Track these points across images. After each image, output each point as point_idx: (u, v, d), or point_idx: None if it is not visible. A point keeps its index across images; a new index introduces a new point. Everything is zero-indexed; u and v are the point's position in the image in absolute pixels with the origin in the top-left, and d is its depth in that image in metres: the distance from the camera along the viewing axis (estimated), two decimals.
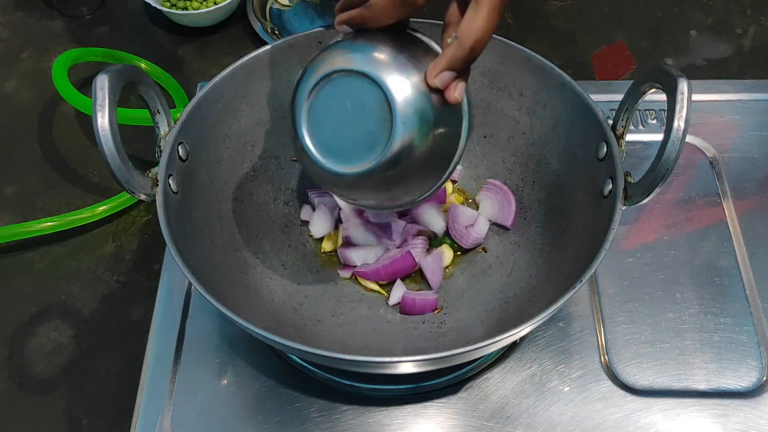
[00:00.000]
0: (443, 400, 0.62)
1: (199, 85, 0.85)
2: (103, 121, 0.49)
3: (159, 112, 0.57)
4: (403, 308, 0.64)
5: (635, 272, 0.69)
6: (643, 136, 0.78)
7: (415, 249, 0.67)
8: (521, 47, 0.64)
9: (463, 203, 0.71)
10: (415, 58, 0.49)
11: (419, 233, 0.68)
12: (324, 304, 0.65)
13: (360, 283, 0.67)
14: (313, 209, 0.70)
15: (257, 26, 0.90)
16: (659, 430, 0.60)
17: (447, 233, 0.68)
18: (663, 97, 0.50)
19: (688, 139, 0.74)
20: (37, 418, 0.65)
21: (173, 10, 0.90)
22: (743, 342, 0.65)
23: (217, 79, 0.62)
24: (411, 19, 0.67)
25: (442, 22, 0.66)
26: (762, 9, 0.95)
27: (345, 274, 0.67)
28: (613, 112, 0.60)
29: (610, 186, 0.56)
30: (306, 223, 0.70)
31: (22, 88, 0.89)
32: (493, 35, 0.64)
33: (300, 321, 0.63)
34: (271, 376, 0.64)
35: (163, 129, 0.58)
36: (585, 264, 0.52)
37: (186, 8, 0.90)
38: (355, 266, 0.67)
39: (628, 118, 0.57)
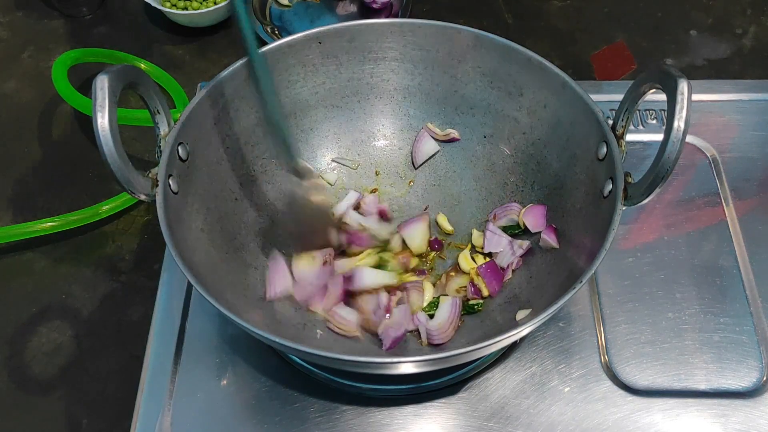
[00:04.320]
0: (443, 400, 0.62)
1: (199, 85, 0.85)
2: (103, 121, 0.49)
3: (159, 113, 0.57)
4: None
5: (635, 272, 0.69)
6: (643, 136, 0.78)
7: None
8: (521, 47, 0.64)
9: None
10: None
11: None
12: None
13: None
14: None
15: (257, 26, 0.90)
16: (659, 430, 0.60)
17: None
18: (663, 97, 0.50)
19: (688, 139, 0.74)
20: (37, 418, 0.65)
21: (173, 10, 0.90)
22: (743, 342, 0.65)
23: (217, 79, 0.62)
24: (411, 19, 0.67)
25: (442, 22, 0.66)
26: (762, 9, 0.95)
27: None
28: (613, 112, 0.60)
29: (610, 186, 0.56)
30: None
31: (22, 88, 0.89)
32: (493, 35, 0.65)
33: (300, 321, 0.63)
34: (271, 376, 0.64)
35: (163, 129, 0.58)
36: (585, 264, 0.52)
37: (186, 8, 0.91)
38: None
39: (628, 118, 0.57)
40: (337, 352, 0.50)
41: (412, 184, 0.73)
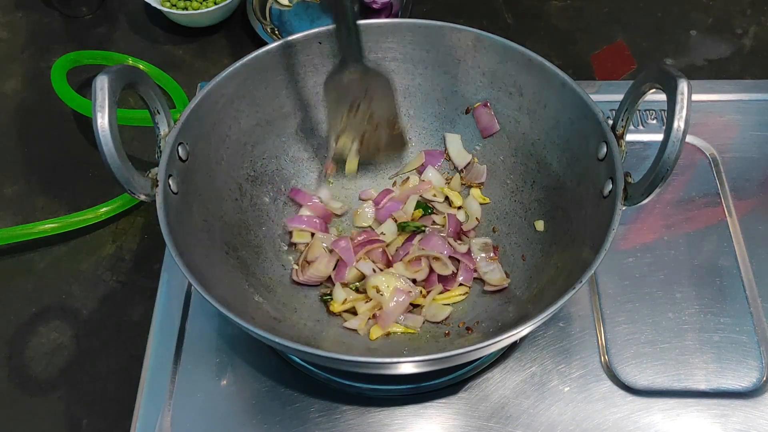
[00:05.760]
0: (443, 400, 0.62)
1: (199, 85, 0.85)
2: (102, 121, 0.49)
3: (159, 113, 0.57)
4: None
5: (635, 272, 0.69)
6: (643, 136, 0.78)
7: None
8: (521, 47, 0.64)
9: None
10: None
11: None
12: (324, 304, 0.65)
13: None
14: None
15: (257, 26, 0.90)
16: (659, 430, 0.60)
17: None
18: (663, 97, 0.50)
19: (688, 139, 0.74)
20: (37, 418, 0.65)
21: (173, 10, 0.90)
22: (743, 342, 0.65)
23: (217, 79, 0.62)
24: (411, 19, 0.67)
25: (442, 22, 0.66)
26: (762, 9, 0.95)
27: None
28: (613, 112, 0.60)
29: (610, 186, 0.56)
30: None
31: (22, 88, 0.89)
32: (493, 35, 0.65)
33: (300, 321, 0.63)
34: (271, 376, 0.64)
35: (163, 129, 0.58)
36: (585, 264, 0.52)
37: (186, 8, 0.91)
38: None
39: (628, 118, 0.57)
40: (337, 352, 0.50)
41: None
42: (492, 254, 0.66)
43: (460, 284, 0.65)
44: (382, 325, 0.62)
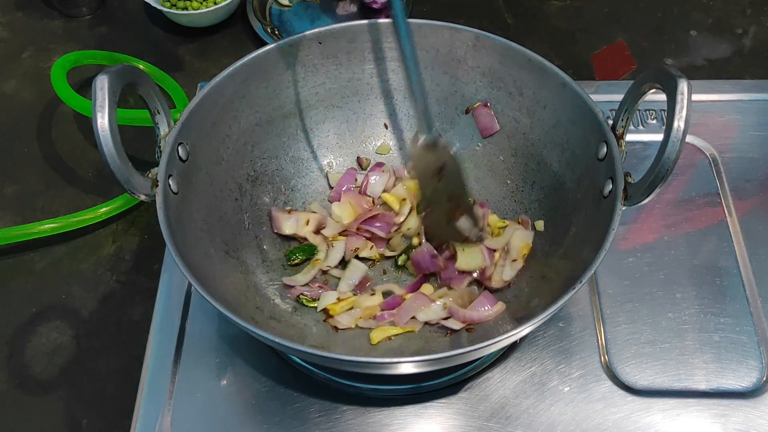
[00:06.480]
0: (443, 400, 0.62)
1: (199, 85, 0.85)
2: (102, 121, 0.49)
3: (159, 113, 0.57)
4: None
5: (635, 272, 0.69)
6: (643, 136, 0.78)
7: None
8: (521, 47, 0.64)
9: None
10: None
11: None
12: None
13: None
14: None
15: (257, 26, 0.90)
16: (659, 430, 0.60)
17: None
18: (663, 97, 0.50)
19: (688, 139, 0.73)
20: (37, 418, 0.65)
21: (173, 10, 0.90)
22: (743, 342, 0.65)
23: (217, 79, 0.62)
24: (411, 19, 0.67)
25: (442, 22, 0.66)
26: (762, 9, 0.95)
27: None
28: (613, 112, 0.60)
29: (610, 186, 0.56)
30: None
31: (22, 88, 0.89)
32: (493, 35, 0.65)
33: (300, 321, 0.63)
34: (271, 376, 0.64)
35: (163, 129, 0.58)
36: (585, 264, 0.52)
37: (186, 8, 0.90)
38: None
39: (628, 118, 0.57)
40: (337, 352, 0.50)
41: None
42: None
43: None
44: (398, 321, 0.62)
